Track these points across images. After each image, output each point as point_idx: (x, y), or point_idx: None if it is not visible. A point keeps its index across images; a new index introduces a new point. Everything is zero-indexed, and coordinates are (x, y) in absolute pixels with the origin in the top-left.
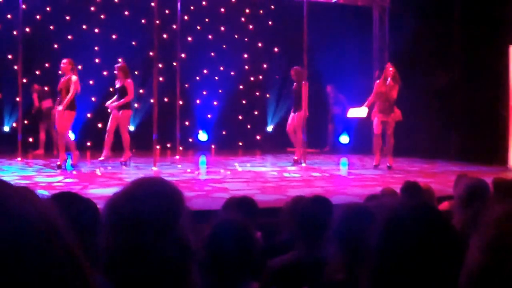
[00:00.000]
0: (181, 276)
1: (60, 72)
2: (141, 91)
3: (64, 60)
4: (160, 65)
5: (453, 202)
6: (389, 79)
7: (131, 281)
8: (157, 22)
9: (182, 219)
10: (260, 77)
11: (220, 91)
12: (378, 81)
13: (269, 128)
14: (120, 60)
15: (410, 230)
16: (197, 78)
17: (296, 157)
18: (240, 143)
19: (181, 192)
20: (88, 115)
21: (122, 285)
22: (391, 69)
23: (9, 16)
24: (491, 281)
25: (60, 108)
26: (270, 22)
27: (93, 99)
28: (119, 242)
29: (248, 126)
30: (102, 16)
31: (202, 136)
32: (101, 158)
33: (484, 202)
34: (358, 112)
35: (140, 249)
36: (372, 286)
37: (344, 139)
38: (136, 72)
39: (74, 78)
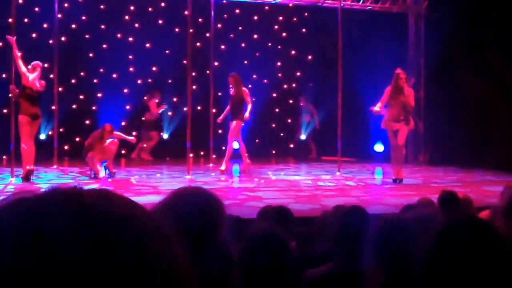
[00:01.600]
0: (222, 285)
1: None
2: (174, 99)
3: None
4: (193, 73)
5: (492, 212)
6: (405, 86)
7: None
8: (191, 30)
9: (223, 231)
10: (294, 85)
11: (253, 99)
12: (388, 88)
13: (303, 137)
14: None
15: (461, 246)
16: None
17: (243, 168)
18: (273, 151)
19: (222, 202)
20: (123, 123)
21: None
22: (402, 76)
23: (45, 25)
24: None
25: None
26: (303, 30)
27: (127, 107)
28: None
29: (281, 134)
30: (136, 25)
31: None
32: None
33: None
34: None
35: None
36: None
37: (379, 147)
38: (169, 81)
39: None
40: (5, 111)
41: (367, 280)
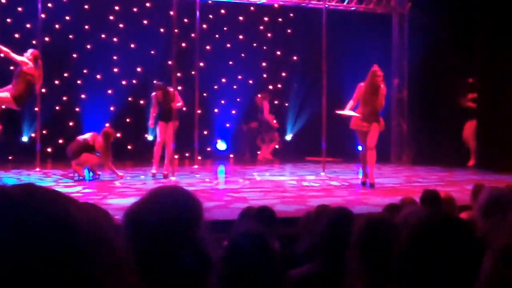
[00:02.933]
0: (198, 286)
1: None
2: None
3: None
4: (178, 74)
5: (472, 212)
6: (382, 85)
7: None
8: (176, 31)
9: (201, 229)
10: (279, 85)
11: (238, 100)
12: (362, 84)
13: (288, 137)
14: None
15: (436, 243)
16: (216, 87)
17: (165, 172)
18: (258, 152)
19: (200, 201)
20: (107, 124)
21: None
22: (380, 73)
23: (28, 25)
24: (501, 286)
25: None
26: (289, 30)
27: (111, 108)
28: (137, 252)
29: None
30: (121, 25)
31: (221, 145)
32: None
33: (505, 212)
34: (348, 112)
35: (159, 259)
36: None
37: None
38: (154, 81)
39: None
40: None
41: (348, 279)
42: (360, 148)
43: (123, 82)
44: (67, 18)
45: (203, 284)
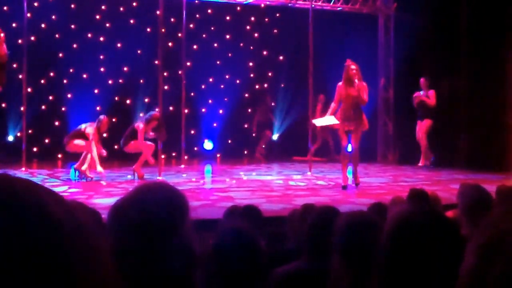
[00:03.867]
0: (184, 282)
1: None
2: (146, 99)
3: None
4: (165, 74)
5: (457, 211)
6: (356, 80)
7: (134, 286)
8: (163, 30)
9: (186, 225)
10: (266, 85)
11: (225, 99)
12: (340, 84)
13: (275, 137)
14: None
15: (418, 238)
16: (203, 86)
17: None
18: (246, 152)
19: (186, 197)
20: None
21: None
22: (353, 67)
23: (14, 24)
24: (481, 283)
25: None
26: (275, 30)
27: (98, 108)
28: (122, 247)
29: (254, 135)
30: (108, 25)
31: (208, 145)
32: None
33: (488, 210)
34: (326, 120)
35: (143, 254)
36: None
37: (349, 147)
38: (141, 81)
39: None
40: None
41: (332, 276)
42: (349, 148)
43: (110, 82)
44: (53, 17)
45: (189, 280)
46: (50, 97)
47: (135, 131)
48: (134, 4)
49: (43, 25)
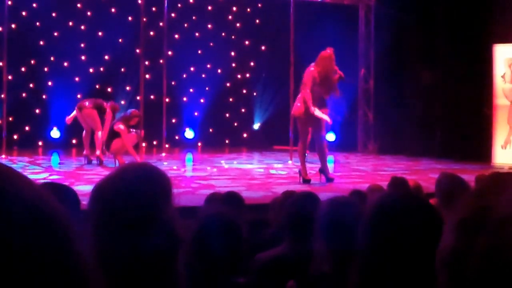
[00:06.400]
0: (167, 264)
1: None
2: (127, 88)
3: None
4: (146, 63)
5: (434, 200)
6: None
7: (116, 267)
8: (144, 19)
9: (169, 206)
10: (247, 75)
11: (207, 88)
12: (312, 69)
13: (256, 126)
14: None
15: (397, 220)
16: (184, 75)
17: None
18: (227, 141)
19: (169, 178)
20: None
21: (107, 271)
22: (329, 50)
23: None
24: (462, 260)
25: None
26: (257, 20)
27: (78, 96)
28: (104, 227)
29: (235, 124)
30: (89, 13)
31: (189, 133)
32: None
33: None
34: (322, 115)
35: (126, 236)
36: (361, 277)
37: (330, 136)
38: (122, 70)
39: None
40: None
41: (314, 260)
42: (329, 137)
43: (90, 70)
44: (34, 5)
45: (171, 263)
46: (31, 85)
47: (115, 133)
48: None
49: (24, 13)
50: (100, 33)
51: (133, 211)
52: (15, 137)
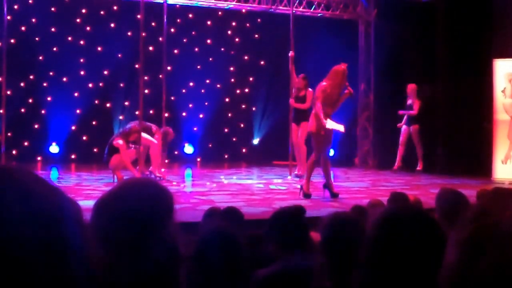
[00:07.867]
0: (168, 280)
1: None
2: (126, 103)
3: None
4: (145, 78)
5: (435, 215)
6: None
7: (117, 283)
8: (143, 34)
9: (171, 222)
10: (246, 90)
11: (206, 103)
12: (324, 84)
13: (255, 141)
14: None
15: (400, 235)
16: (183, 90)
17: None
18: (226, 156)
19: (171, 193)
20: (73, 127)
21: (109, 285)
22: (343, 66)
23: None
24: (466, 277)
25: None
26: (256, 35)
27: (77, 111)
28: (106, 241)
29: (234, 139)
30: (88, 28)
31: (188, 149)
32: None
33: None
34: (336, 125)
35: (127, 249)
36: None
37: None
38: (121, 85)
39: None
40: None
41: (316, 276)
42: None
43: (90, 85)
44: (34, 20)
45: (172, 278)
46: (30, 100)
47: (115, 148)
48: (115, 7)
49: (23, 28)
50: (99, 48)
51: (134, 227)
52: (14, 152)
